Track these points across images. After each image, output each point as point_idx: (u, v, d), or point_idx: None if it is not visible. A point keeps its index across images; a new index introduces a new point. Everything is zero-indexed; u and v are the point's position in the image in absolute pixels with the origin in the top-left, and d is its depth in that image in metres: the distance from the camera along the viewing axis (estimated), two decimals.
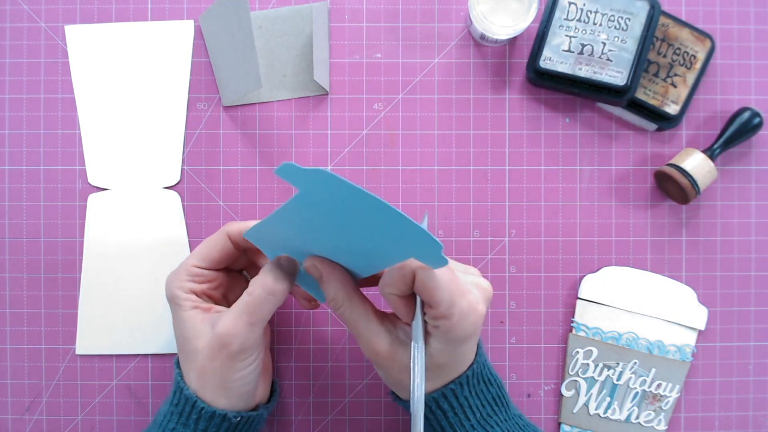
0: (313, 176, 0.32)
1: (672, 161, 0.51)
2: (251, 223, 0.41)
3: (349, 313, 0.40)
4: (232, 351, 0.40)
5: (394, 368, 0.40)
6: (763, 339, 0.53)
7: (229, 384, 0.41)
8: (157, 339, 0.52)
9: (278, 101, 0.53)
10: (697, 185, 0.50)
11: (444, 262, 0.35)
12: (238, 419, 0.42)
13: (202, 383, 0.41)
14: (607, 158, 0.54)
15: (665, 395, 0.52)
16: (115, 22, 0.53)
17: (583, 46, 0.50)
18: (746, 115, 0.52)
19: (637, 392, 0.52)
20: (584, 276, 0.53)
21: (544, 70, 0.50)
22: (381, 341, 0.40)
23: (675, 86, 0.52)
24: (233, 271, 0.48)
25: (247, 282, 0.49)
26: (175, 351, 0.52)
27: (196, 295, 0.43)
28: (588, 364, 0.52)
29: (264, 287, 0.40)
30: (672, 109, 0.52)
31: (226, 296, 0.47)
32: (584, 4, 0.50)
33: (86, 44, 0.53)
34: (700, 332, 0.53)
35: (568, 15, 0.50)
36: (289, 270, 0.42)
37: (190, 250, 0.52)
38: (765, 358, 0.53)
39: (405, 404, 0.42)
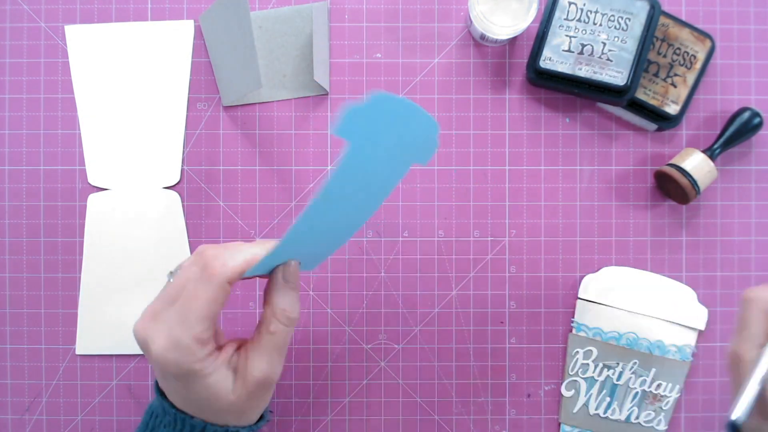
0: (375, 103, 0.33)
1: (672, 161, 0.51)
2: (241, 257, 0.36)
3: None
4: (270, 389, 0.38)
5: None
6: None
7: (252, 415, 0.39)
8: None
9: (278, 101, 0.53)
10: (697, 185, 0.50)
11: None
12: None
13: (220, 418, 0.38)
14: (607, 158, 0.54)
15: (665, 395, 0.52)
16: (115, 22, 0.53)
17: (583, 46, 0.50)
18: (746, 115, 0.52)
19: (637, 392, 0.52)
20: (584, 276, 0.53)
21: (544, 70, 0.50)
22: None
23: (675, 86, 0.52)
24: None
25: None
26: None
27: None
28: (588, 364, 0.52)
29: (285, 319, 0.38)
30: (672, 109, 0.52)
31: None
32: (584, 4, 0.50)
33: (86, 44, 0.53)
34: (700, 332, 0.53)
35: (568, 15, 0.50)
36: (295, 279, 0.38)
37: (190, 251, 0.52)
38: None
39: None
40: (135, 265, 0.52)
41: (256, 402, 0.38)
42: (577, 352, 0.52)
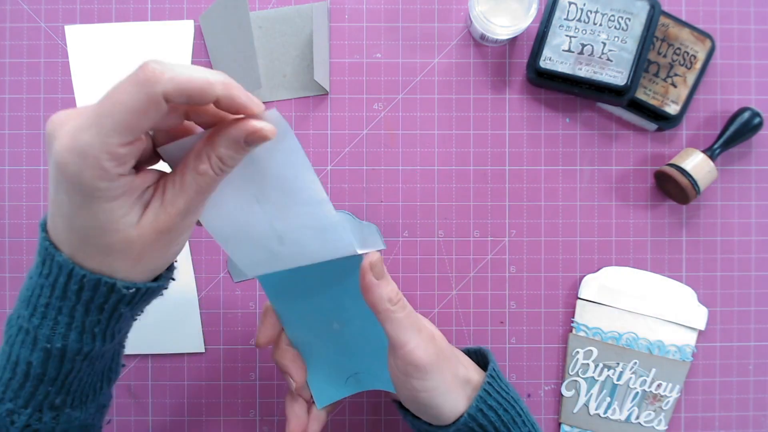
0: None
1: (672, 161, 0.51)
2: (189, 73, 0.28)
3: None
4: (179, 238, 0.33)
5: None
6: (763, 339, 0.53)
7: (157, 264, 0.33)
8: (157, 339, 0.52)
9: (278, 101, 0.53)
10: (697, 185, 0.50)
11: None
12: (132, 290, 0.33)
13: (105, 260, 0.31)
14: (607, 158, 0.54)
15: (665, 395, 0.52)
16: (115, 22, 0.53)
17: (583, 46, 0.50)
18: (746, 115, 0.52)
19: (637, 392, 0.52)
20: (584, 276, 0.53)
21: (544, 70, 0.50)
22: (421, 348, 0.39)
23: (675, 86, 0.52)
24: None
25: None
26: (175, 352, 0.52)
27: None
28: (588, 364, 0.52)
29: (218, 169, 0.32)
30: (672, 109, 0.52)
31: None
32: (584, 4, 0.50)
33: (86, 44, 0.53)
34: (700, 332, 0.53)
35: (568, 15, 0.50)
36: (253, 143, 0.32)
37: (190, 251, 0.52)
38: (765, 358, 0.53)
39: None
40: None
41: (159, 247, 0.32)
42: (577, 352, 0.52)
